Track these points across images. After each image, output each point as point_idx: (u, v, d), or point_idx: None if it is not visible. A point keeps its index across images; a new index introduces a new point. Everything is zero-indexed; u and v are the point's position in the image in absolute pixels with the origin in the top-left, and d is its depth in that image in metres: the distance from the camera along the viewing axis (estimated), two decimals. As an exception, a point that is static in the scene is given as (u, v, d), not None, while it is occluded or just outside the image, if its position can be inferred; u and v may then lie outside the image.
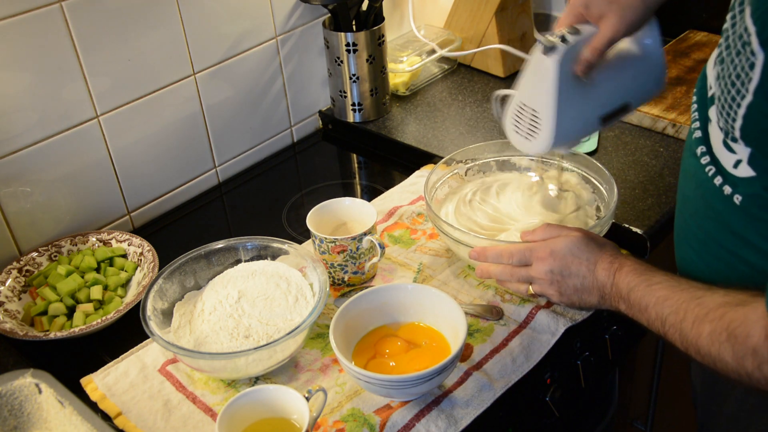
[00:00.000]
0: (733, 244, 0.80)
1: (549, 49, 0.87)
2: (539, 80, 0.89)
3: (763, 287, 0.69)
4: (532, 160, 1.22)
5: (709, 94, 0.80)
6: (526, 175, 1.20)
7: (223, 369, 0.93)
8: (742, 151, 0.74)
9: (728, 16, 0.75)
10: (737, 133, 0.72)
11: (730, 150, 0.76)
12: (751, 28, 0.67)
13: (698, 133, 0.83)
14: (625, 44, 0.95)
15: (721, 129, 0.76)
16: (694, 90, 0.87)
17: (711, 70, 0.80)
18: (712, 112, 0.79)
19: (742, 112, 0.70)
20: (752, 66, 0.67)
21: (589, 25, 0.89)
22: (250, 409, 0.86)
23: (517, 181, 1.19)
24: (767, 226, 0.76)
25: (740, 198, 0.76)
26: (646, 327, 0.83)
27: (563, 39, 0.87)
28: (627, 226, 1.16)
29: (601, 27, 0.88)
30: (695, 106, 0.85)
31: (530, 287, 0.98)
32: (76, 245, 1.18)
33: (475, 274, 1.03)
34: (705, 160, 0.81)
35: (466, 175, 1.23)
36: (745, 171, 0.75)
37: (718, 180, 0.79)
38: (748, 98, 0.69)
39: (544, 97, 0.89)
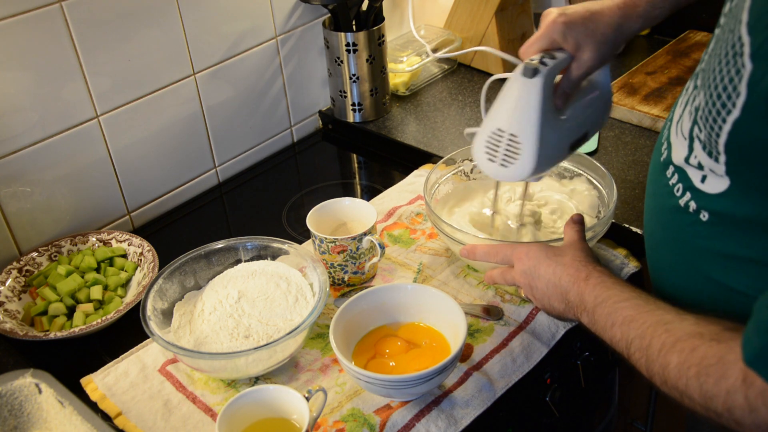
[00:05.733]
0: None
1: (531, 72, 0.85)
2: (520, 104, 0.86)
3: (734, 315, 0.66)
4: None
5: (682, 101, 0.78)
6: (479, 211, 1.16)
7: (223, 369, 0.93)
8: (716, 166, 0.71)
9: (720, 21, 0.72)
10: (720, 148, 0.68)
11: (697, 166, 0.74)
12: (746, 39, 0.63)
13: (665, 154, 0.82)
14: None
15: (700, 141, 0.72)
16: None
17: (689, 83, 0.78)
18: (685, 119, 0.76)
19: (727, 127, 0.66)
20: (741, 79, 0.63)
21: (561, 52, 0.89)
22: (250, 409, 0.86)
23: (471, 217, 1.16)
24: (733, 241, 0.72)
25: (707, 215, 0.74)
26: (609, 345, 0.78)
27: (543, 62, 0.86)
28: (627, 226, 1.16)
29: (578, 58, 0.89)
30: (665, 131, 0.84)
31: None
32: (76, 245, 1.18)
33: (485, 280, 1.01)
34: (673, 180, 0.79)
35: (471, 173, 1.22)
36: (713, 186, 0.72)
37: (685, 197, 0.77)
38: (735, 114, 0.65)
39: (526, 120, 0.86)
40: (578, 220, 0.96)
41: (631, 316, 0.74)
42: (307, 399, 0.85)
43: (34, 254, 1.15)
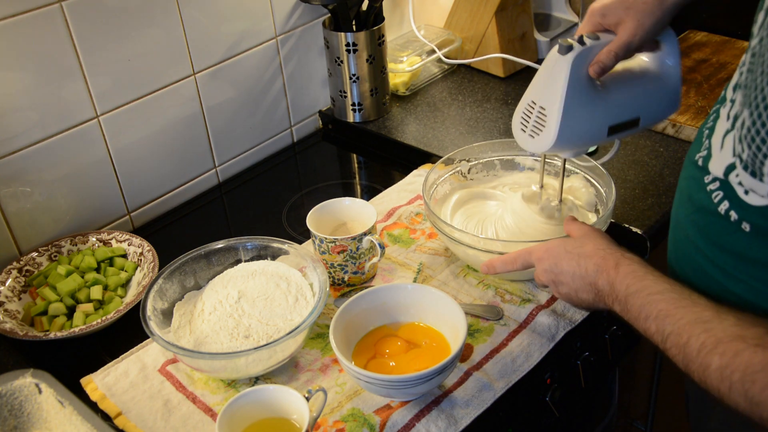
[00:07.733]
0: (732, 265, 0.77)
1: (565, 49, 0.88)
2: (551, 78, 0.90)
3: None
4: (536, 160, 1.21)
5: (726, 113, 0.75)
6: (528, 187, 1.17)
7: (223, 369, 0.93)
8: (759, 186, 0.69)
9: (754, 31, 0.69)
10: (766, 170, 0.66)
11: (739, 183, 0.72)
12: None
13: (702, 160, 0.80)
14: (645, 60, 0.96)
15: (741, 160, 0.70)
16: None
17: (730, 93, 0.75)
18: (727, 138, 0.74)
19: None
20: None
21: (608, 33, 0.91)
22: (250, 409, 0.86)
23: (514, 192, 1.16)
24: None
25: (748, 227, 0.72)
26: (642, 335, 0.77)
27: (581, 41, 0.89)
28: (627, 226, 1.16)
29: (618, 33, 0.89)
30: (706, 132, 0.81)
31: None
32: (76, 245, 1.18)
33: (481, 270, 1.01)
34: (713, 186, 0.77)
35: (468, 173, 1.23)
36: (757, 200, 0.70)
37: (724, 206, 0.75)
38: None
39: (553, 94, 0.89)
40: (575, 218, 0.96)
41: (666, 310, 0.73)
42: (307, 399, 0.85)
43: (34, 254, 1.15)
